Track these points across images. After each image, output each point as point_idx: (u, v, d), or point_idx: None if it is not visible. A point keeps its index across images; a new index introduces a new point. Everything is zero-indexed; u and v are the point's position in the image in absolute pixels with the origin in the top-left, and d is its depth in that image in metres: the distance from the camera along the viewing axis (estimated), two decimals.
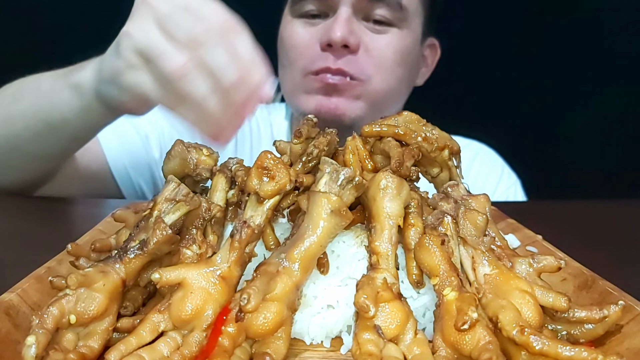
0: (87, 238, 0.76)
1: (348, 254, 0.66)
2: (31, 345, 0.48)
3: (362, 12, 1.23)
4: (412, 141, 0.75)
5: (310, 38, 1.25)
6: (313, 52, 1.24)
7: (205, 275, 0.56)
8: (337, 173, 0.62)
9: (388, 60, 1.26)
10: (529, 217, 0.89)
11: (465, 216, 0.64)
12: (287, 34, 1.30)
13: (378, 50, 1.24)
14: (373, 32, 1.25)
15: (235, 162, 0.78)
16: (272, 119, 1.54)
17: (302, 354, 0.59)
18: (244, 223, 0.61)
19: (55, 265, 0.66)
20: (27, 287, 0.60)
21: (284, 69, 1.33)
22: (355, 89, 1.24)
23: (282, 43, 1.32)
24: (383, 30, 1.25)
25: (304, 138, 0.72)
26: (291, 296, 0.56)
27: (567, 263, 0.69)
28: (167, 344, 0.53)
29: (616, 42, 1.95)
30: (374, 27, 1.24)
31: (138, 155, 1.29)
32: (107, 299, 0.56)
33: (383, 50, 1.25)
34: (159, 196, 0.66)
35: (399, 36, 1.26)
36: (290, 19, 1.29)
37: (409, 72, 1.34)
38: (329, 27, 1.21)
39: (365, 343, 0.52)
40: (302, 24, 1.27)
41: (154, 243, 0.60)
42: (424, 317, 0.62)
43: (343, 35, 1.18)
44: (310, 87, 1.25)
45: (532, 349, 0.49)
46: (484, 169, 1.51)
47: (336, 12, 1.21)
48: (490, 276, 0.59)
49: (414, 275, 0.62)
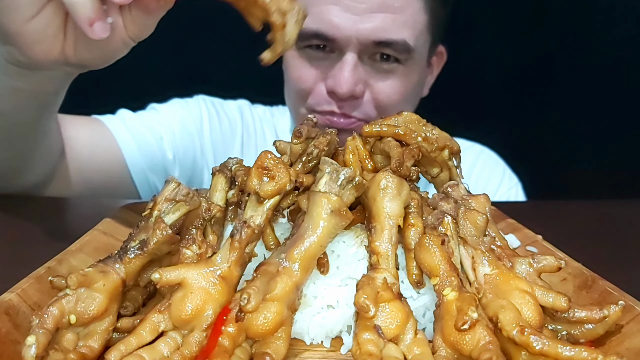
0: (87, 238, 0.76)
1: (348, 254, 0.66)
2: (31, 345, 0.48)
3: (368, 53, 1.21)
4: (412, 141, 0.75)
5: (315, 76, 1.24)
6: (319, 93, 1.24)
7: (205, 275, 0.56)
8: (337, 173, 0.62)
9: (393, 101, 1.26)
10: (529, 217, 0.89)
11: (465, 216, 0.64)
12: (291, 65, 1.29)
13: (383, 93, 1.24)
14: (379, 72, 1.23)
15: (235, 162, 0.78)
16: (276, 121, 1.56)
17: (302, 354, 0.59)
18: (244, 223, 0.61)
19: (55, 265, 0.66)
20: (27, 287, 0.60)
21: (291, 96, 1.34)
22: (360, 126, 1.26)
23: (286, 70, 1.32)
24: (389, 70, 1.23)
25: (304, 138, 0.72)
26: (291, 296, 0.56)
27: (567, 263, 0.69)
28: (167, 344, 0.53)
29: (616, 42, 1.95)
30: (380, 65, 1.23)
31: (154, 157, 1.32)
32: (107, 299, 0.56)
33: (388, 94, 1.25)
34: (159, 196, 0.66)
35: (405, 75, 1.26)
36: (294, 52, 1.27)
37: (412, 101, 1.35)
38: (335, 75, 1.19)
39: (365, 343, 0.52)
40: (307, 58, 1.25)
41: (154, 243, 0.60)
42: (424, 317, 0.62)
43: (349, 88, 1.18)
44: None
45: (532, 349, 0.49)
46: (485, 171, 1.52)
47: (342, 53, 1.20)
48: (490, 276, 0.59)
49: (414, 275, 0.62)
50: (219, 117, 1.47)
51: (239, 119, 1.51)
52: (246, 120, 1.52)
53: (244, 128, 1.51)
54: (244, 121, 1.52)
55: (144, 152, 1.30)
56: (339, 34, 1.18)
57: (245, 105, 1.57)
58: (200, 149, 1.42)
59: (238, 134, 1.49)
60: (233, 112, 1.51)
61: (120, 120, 1.31)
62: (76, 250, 0.72)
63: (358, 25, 1.17)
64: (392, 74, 1.24)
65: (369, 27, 1.17)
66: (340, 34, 1.18)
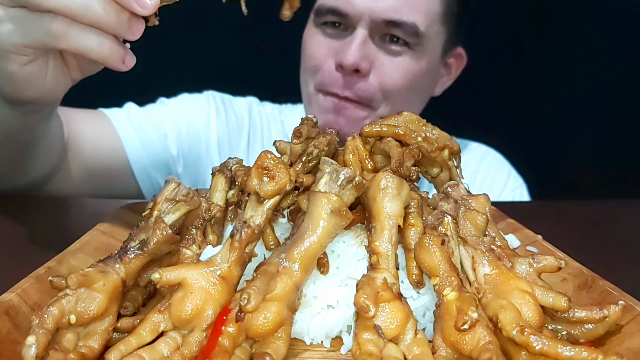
0: (87, 238, 0.76)
1: (348, 254, 0.66)
2: (31, 345, 0.48)
3: (379, 32, 1.24)
4: (412, 141, 0.75)
5: (327, 53, 1.27)
6: (327, 69, 1.27)
7: (205, 275, 0.56)
8: (337, 173, 0.62)
9: (397, 85, 1.27)
10: (530, 217, 0.89)
11: (465, 216, 0.64)
12: (307, 42, 1.34)
13: (389, 74, 1.26)
14: (387, 53, 1.26)
15: (235, 162, 0.78)
16: (284, 118, 1.57)
17: (302, 354, 0.59)
18: (244, 223, 0.61)
19: (55, 265, 0.66)
20: (27, 287, 0.60)
21: (304, 74, 1.37)
22: (363, 111, 1.28)
23: (303, 48, 1.36)
24: (397, 52, 1.26)
25: (304, 138, 0.72)
26: (291, 296, 0.56)
27: (567, 263, 0.69)
28: (167, 344, 0.53)
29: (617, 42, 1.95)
30: (389, 46, 1.25)
31: (157, 153, 1.34)
32: (107, 299, 0.56)
33: (394, 74, 1.26)
34: (159, 196, 0.66)
35: (413, 59, 1.27)
36: (312, 27, 1.32)
37: (420, 94, 1.35)
38: (343, 48, 1.23)
39: (365, 343, 0.52)
40: (322, 35, 1.30)
41: (154, 243, 0.60)
42: (424, 317, 0.62)
43: (355, 60, 1.20)
44: (321, 105, 1.30)
45: (532, 349, 0.49)
46: (490, 172, 1.53)
47: (355, 29, 1.23)
48: (490, 276, 0.59)
49: (414, 275, 0.62)
50: (226, 113, 1.48)
51: (247, 116, 1.52)
52: (254, 118, 1.53)
53: (250, 126, 1.52)
54: (252, 119, 1.53)
55: (146, 148, 1.31)
56: (352, 9, 1.22)
57: (254, 102, 1.58)
58: (205, 146, 1.43)
59: (245, 131, 1.50)
60: (241, 110, 1.52)
61: (126, 115, 1.32)
62: (76, 250, 0.72)
63: (371, 3, 1.21)
64: (399, 56, 1.26)
65: (381, 6, 1.21)
66: (354, 10, 1.22)
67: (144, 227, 0.63)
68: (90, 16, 0.65)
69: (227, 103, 1.50)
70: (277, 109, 1.60)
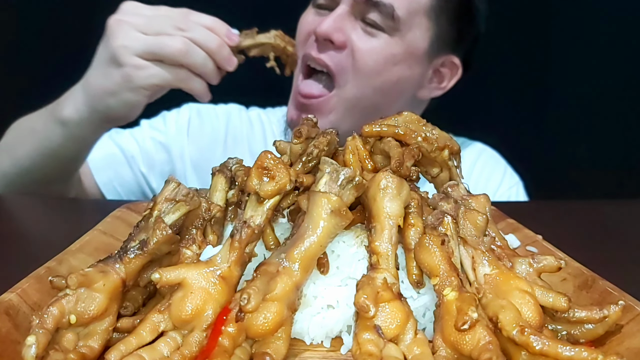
0: (87, 238, 0.76)
1: (348, 254, 0.66)
2: (31, 345, 0.48)
3: (359, 10, 1.25)
4: (412, 141, 0.75)
5: (311, 26, 1.30)
6: (311, 41, 1.29)
7: (205, 275, 0.56)
8: (337, 173, 0.62)
9: (368, 64, 1.27)
10: (529, 217, 0.89)
11: (465, 216, 0.64)
12: (300, 21, 1.37)
13: (362, 52, 1.26)
14: (365, 32, 1.27)
15: (234, 162, 0.78)
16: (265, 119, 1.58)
17: (302, 354, 0.59)
18: (244, 223, 0.61)
19: (55, 265, 0.66)
20: (27, 287, 0.60)
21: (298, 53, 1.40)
22: (328, 103, 1.28)
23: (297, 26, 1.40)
24: (373, 34, 1.27)
25: (304, 138, 0.72)
26: (291, 296, 0.56)
27: (567, 263, 0.69)
28: (167, 344, 0.53)
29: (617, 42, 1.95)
30: (366, 27, 1.27)
31: (125, 174, 1.43)
32: (107, 299, 0.56)
33: (366, 53, 1.26)
34: (159, 196, 0.66)
35: (388, 44, 1.27)
36: (309, 8, 1.36)
37: (392, 83, 1.32)
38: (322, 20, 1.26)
39: (365, 343, 0.52)
40: (314, 12, 1.34)
41: (154, 243, 0.60)
42: (424, 317, 0.62)
43: (327, 30, 1.23)
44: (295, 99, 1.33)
45: (532, 349, 0.49)
46: (486, 170, 1.52)
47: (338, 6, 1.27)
48: (490, 276, 0.59)
49: (414, 275, 0.62)
50: (201, 125, 1.52)
51: (224, 124, 1.55)
52: (233, 125, 1.55)
53: (228, 134, 1.54)
54: (230, 126, 1.55)
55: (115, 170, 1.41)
56: None
57: (234, 109, 1.59)
58: (180, 159, 1.48)
59: (220, 141, 1.53)
60: (219, 118, 1.55)
61: None
62: (76, 250, 0.72)
63: None
64: (374, 37, 1.26)
65: None
66: None
67: (144, 227, 0.62)
68: (202, 69, 1.08)
69: (204, 113, 1.54)
70: (264, 113, 1.61)
